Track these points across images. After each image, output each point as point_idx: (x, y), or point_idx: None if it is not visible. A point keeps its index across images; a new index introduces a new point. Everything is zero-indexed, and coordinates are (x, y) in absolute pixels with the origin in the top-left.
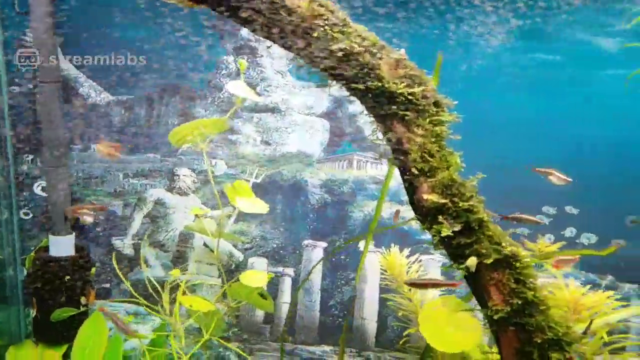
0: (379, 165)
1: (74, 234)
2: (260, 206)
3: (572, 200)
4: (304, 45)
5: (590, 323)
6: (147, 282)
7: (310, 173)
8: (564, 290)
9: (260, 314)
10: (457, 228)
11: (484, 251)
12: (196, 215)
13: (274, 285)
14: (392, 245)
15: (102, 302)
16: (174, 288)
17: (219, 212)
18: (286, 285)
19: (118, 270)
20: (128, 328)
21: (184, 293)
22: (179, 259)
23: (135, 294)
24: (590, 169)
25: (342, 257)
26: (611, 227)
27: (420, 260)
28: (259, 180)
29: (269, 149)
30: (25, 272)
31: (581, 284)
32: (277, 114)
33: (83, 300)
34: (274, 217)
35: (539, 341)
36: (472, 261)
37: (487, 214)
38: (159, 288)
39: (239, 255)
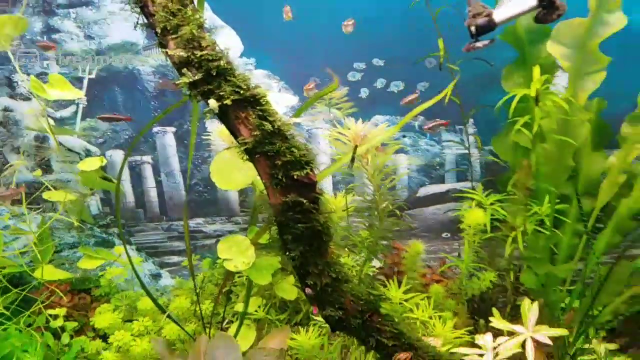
0: None
1: None
2: (73, 93)
3: (378, 53)
4: None
5: (355, 148)
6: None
7: (140, 61)
8: (352, 128)
9: (131, 200)
10: (199, 77)
11: (223, 94)
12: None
13: (137, 173)
14: None
15: None
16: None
17: (67, 111)
18: (148, 171)
19: None
20: None
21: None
22: (42, 160)
23: None
24: (386, 24)
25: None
26: (414, 73)
27: None
28: (93, 76)
29: (93, 43)
30: None
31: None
32: (92, 7)
33: None
34: (118, 109)
35: (280, 163)
36: (212, 103)
37: (229, 62)
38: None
39: (95, 150)
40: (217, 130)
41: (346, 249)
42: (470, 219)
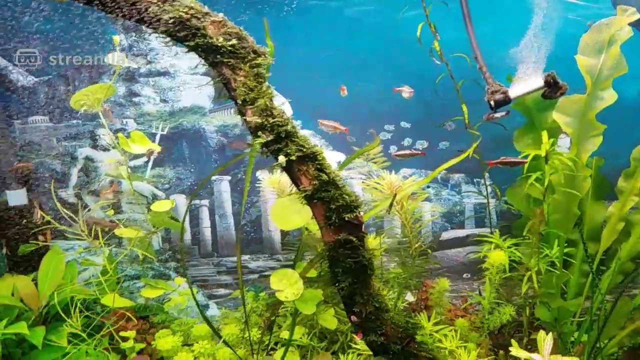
0: None
1: (24, 188)
2: (152, 146)
3: (405, 117)
4: (140, 17)
5: (395, 195)
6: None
7: (205, 122)
8: (386, 179)
9: (188, 237)
10: (271, 137)
11: (290, 151)
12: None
13: (195, 215)
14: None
15: (57, 241)
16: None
17: (139, 160)
18: (204, 213)
19: (80, 211)
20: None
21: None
22: (115, 202)
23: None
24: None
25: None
26: (437, 134)
27: None
28: (165, 132)
29: (167, 106)
30: None
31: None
32: (168, 76)
33: (41, 238)
34: (184, 160)
35: (334, 207)
36: (281, 159)
37: (294, 127)
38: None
39: (161, 195)
40: (267, 180)
41: (381, 284)
42: (493, 259)
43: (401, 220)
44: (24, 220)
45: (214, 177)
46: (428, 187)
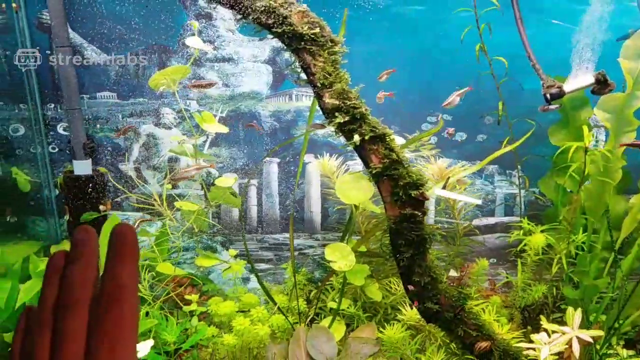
0: (311, 97)
1: (90, 159)
2: (221, 128)
3: (447, 110)
4: (234, 4)
5: (448, 179)
6: (152, 194)
7: (261, 107)
8: (434, 164)
9: (235, 214)
10: (347, 118)
11: (363, 131)
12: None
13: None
14: (325, 153)
15: (116, 212)
16: (171, 199)
17: (198, 140)
18: (253, 192)
19: (137, 183)
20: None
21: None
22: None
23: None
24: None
25: (292, 168)
26: (475, 126)
27: (347, 164)
28: (224, 115)
29: (228, 90)
30: (57, 192)
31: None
32: (232, 63)
33: (102, 207)
34: (238, 142)
35: (401, 184)
36: (356, 138)
37: (367, 109)
38: (157, 199)
39: (215, 172)
40: (315, 163)
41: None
42: (531, 243)
43: (449, 204)
44: (89, 189)
45: (264, 160)
46: (464, 176)
